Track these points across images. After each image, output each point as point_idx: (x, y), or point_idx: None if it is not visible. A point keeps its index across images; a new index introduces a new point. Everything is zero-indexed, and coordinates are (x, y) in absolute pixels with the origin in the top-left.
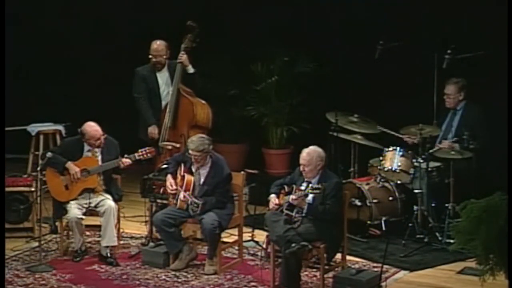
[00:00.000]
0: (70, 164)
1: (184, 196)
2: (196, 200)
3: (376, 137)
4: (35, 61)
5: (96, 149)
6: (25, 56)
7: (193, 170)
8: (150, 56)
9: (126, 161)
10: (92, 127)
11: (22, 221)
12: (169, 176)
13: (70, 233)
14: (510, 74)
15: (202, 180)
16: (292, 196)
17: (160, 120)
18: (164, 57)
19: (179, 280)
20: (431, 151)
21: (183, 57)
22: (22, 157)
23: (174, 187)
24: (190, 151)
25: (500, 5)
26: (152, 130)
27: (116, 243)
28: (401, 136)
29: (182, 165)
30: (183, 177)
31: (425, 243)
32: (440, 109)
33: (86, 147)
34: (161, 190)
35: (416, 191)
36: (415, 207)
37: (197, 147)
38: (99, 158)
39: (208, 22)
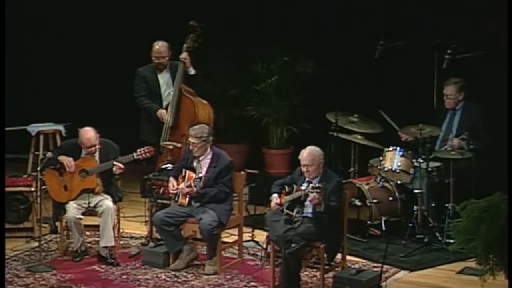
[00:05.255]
0: (62, 157)
1: (186, 186)
2: (199, 175)
3: (376, 137)
4: (35, 61)
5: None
6: (25, 56)
7: (194, 164)
8: (152, 58)
9: (117, 165)
10: (85, 134)
11: (22, 221)
12: (171, 178)
13: (70, 233)
14: (510, 74)
15: (204, 170)
16: (314, 195)
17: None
18: (166, 58)
19: (179, 280)
20: (442, 148)
21: (187, 58)
22: (22, 157)
23: (176, 185)
24: (190, 139)
25: (500, 5)
26: (160, 112)
27: (114, 243)
28: (397, 128)
29: (184, 169)
30: (184, 174)
31: (425, 243)
32: (437, 110)
33: (84, 150)
34: (161, 190)
35: (416, 191)
36: (415, 207)
37: (195, 134)
38: (97, 161)
39: (208, 22)
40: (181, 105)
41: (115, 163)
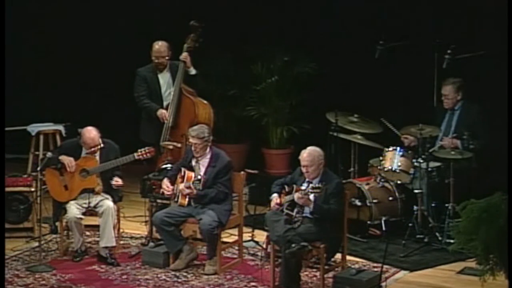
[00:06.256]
0: (63, 156)
1: (186, 187)
2: (198, 177)
3: (376, 137)
4: (35, 61)
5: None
6: (25, 56)
7: (193, 163)
8: (152, 58)
9: (116, 181)
10: (89, 134)
11: (22, 221)
12: (165, 180)
13: (70, 233)
14: (510, 74)
15: (202, 170)
16: (298, 194)
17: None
18: (166, 58)
19: (179, 280)
20: (432, 149)
21: (187, 58)
22: (22, 157)
23: (171, 187)
24: (190, 139)
25: (500, 5)
26: (161, 112)
27: (114, 244)
28: (399, 134)
29: (183, 169)
30: (183, 174)
31: (425, 243)
32: (436, 110)
33: (85, 150)
34: (161, 190)
35: (416, 191)
36: (415, 207)
37: (197, 134)
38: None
39: (208, 22)
40: (181, 105)
41: (114, 179)
